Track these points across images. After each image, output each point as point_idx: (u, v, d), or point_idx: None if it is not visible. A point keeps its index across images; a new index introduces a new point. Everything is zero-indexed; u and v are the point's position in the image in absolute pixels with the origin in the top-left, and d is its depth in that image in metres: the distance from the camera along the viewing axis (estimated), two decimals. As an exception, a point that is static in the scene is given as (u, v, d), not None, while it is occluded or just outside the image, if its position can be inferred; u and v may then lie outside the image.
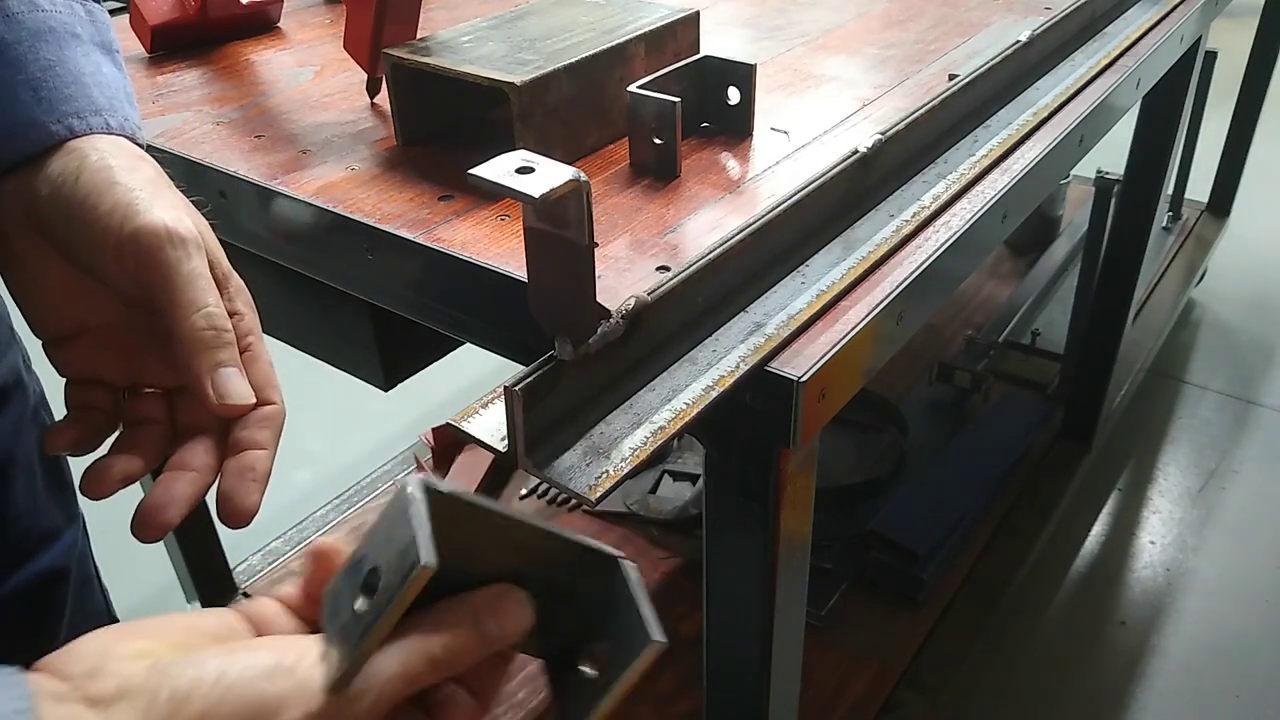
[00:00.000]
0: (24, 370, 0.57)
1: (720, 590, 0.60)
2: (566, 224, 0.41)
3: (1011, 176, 0.66)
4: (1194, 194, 2.04)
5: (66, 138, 0.44)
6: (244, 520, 0.42)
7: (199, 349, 0.42)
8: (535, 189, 0.38)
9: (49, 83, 0.45)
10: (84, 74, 0.46)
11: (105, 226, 0.42)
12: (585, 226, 0.41)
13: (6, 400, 0.54)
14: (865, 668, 1.14)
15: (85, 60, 0.47)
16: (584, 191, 0.40)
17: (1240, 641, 1.40)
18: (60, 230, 0.44)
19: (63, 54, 0.46)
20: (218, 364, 0.42)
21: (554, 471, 0.43)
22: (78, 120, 0.45)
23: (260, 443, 0.44)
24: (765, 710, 0.62)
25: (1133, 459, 1.74)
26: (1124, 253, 1.32)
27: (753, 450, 0.52)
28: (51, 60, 0.45)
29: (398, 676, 0.33)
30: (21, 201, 0.44)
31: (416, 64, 0.63)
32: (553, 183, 0.38)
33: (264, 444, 0.44)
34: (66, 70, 0.46)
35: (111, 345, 0.46)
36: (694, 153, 0.67)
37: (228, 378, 0.43)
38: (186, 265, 0.42)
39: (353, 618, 0.34)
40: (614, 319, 0.44)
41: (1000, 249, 1.92)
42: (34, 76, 0.45)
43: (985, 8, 0.97)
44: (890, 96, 0.77)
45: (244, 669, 0.33)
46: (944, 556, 1.25)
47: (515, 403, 0.41)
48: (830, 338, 0.51)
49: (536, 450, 0.43)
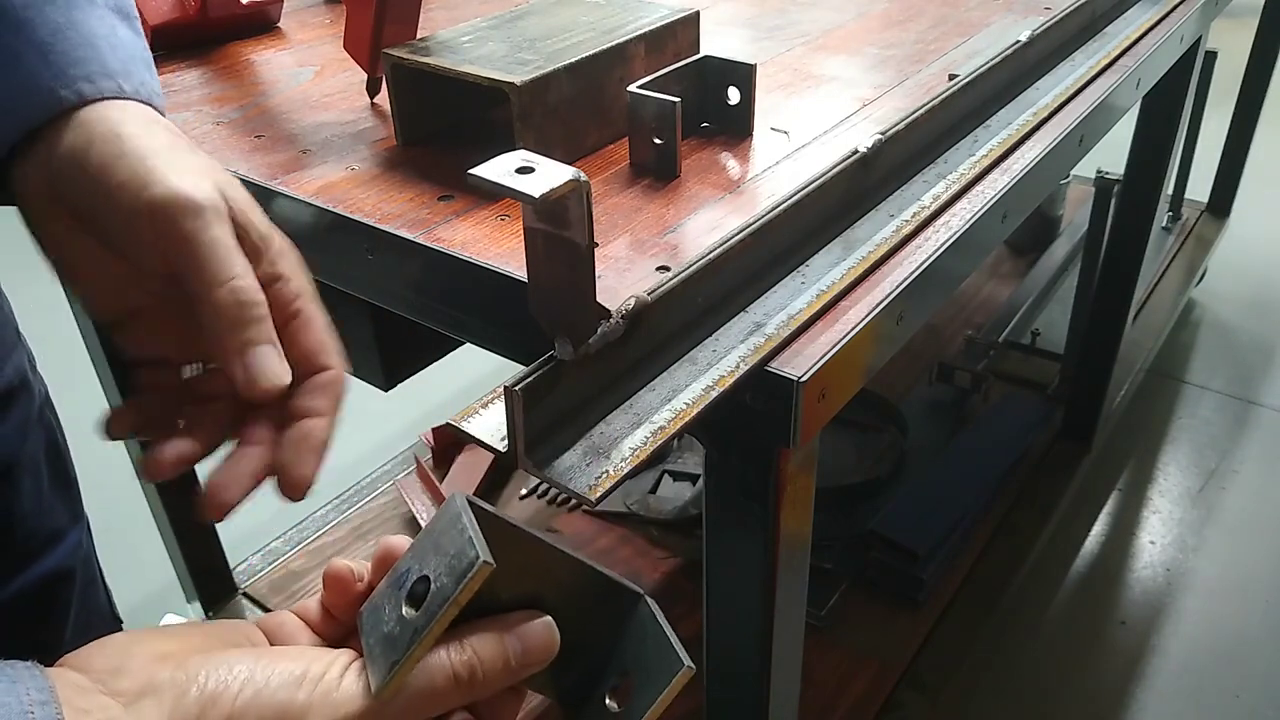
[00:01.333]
0: (29, 371, 0.57)
1: (720, 590, 0.60)
2: (566, 224, 0.41)
3: (1011, 176, 0.66)
4: (1194, 194, 2.04)
5: (76, 104, 0.41)
6: (300, 493, 0.40)
7: (225, 328, 0.39)
8: (535, 189, 0.38)
9: (58, 46, 0.41)
10: (97, 36, 0.42)
11: (120, 201, 0.39)
12: (585, 226, 0.41)
13: (12, 402, 0.54)
14: (865, 668, 1.14)
15: (98, 23, 0.43)
16: (584, 191, 0.40)
17: (1240, 641, 1.40)
18: (84, 208, 0.40)
19: (72, 16, 0.42)
20: (246, 343, 0.39)
21: (554, 471, 0.43)
22: (88, 84, 0.41)
23: (317, 410, 0.41)
24: (765, 710, 0.62)
25: (1133, 459, 1.74)
26: (1124, 253, 1.32)
27: (753, 450, 0.52)
28: (60, 23, 0.42)
29: (423, 692, 0.33)
30: (43, 180, 0.41)
31: (416, 64, 0.63)
32: (553, 183, 0.38)
33: (321, 411, 0.41)
34: (77, 33, 0.42)
35: (165, 323, 0.43)
36: (694, 153, 0.67)
37: (259, 357, 0.39)
38: (205, 235, 0.38)
39: (400, 625, 0.34)
40: (614, 319, 0.44)
41: (1000, 249, 1.92)
42: (42, 40, 0.41)
43: (985, 8, 0.97)
44: (890, 96, 0.77)
45: (272, 674, 0.32)
46: (944, 556, 1.25)
47: (515, 403, 0.41)
48: (830, 338, 0.50)
49: (536, 450, 0.43)
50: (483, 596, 0.34)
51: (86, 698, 0.31)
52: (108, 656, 0.33)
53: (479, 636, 0.35)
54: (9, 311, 0.56)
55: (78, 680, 0.31)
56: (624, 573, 0.40)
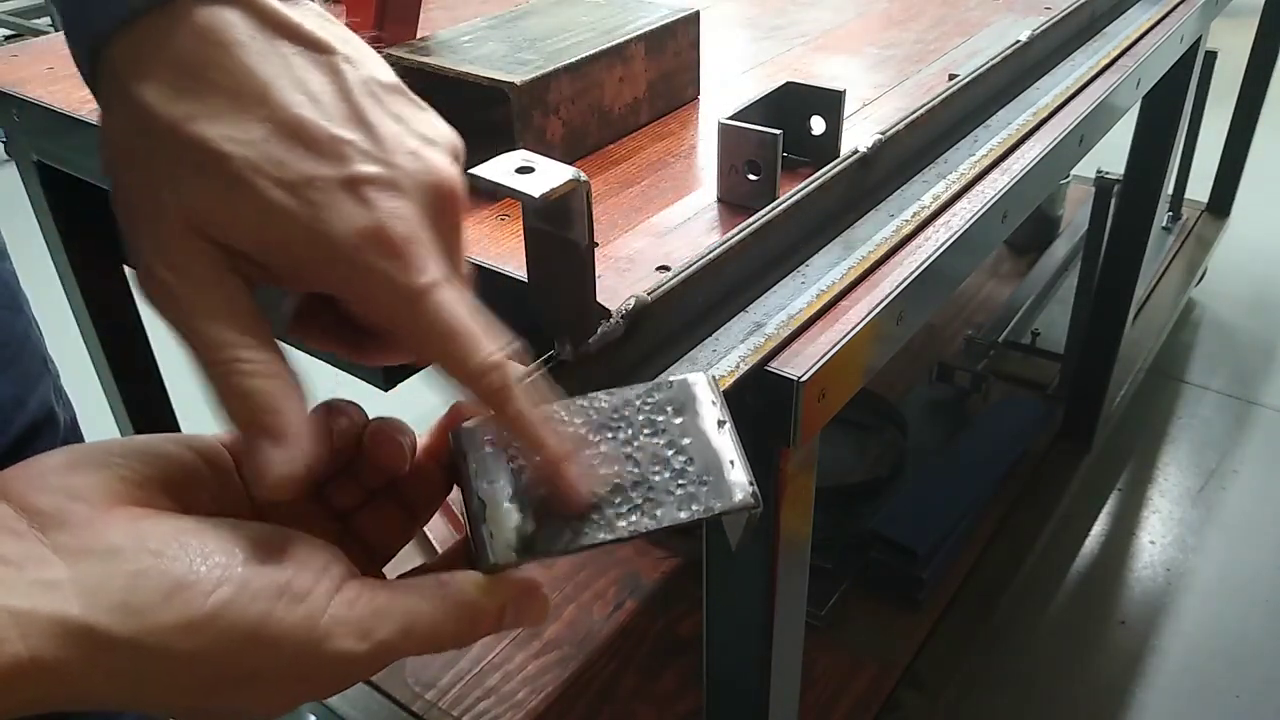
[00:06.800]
0: (55, 403, 0.54)
1: (720, 590, 0.60)
2: (567, 224, 0.41)
3: (1011, 176, 0.65)
4: (1194, 194, 2.04)
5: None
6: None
7: (530, 437, 0.32)
8: (535, 189, 0.38)
9: None
10: None
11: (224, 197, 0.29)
12: (585, 226, 0.41)
13: (36, 435, 0.51)
14: (865, 668, 1.14)
15: None
16: (584, 191, 0.40)
17: (1240, 641, 1.40)
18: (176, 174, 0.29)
19: None
20: (560, 456, 0.32)
21: (554, 471, 0.43)
22: None
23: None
24: (765, 710, 0.62)
25: (1133, 459, 1.74)
26: (1124, 253, 1.32)
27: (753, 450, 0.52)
28: None
29: (397, 633, 0.29)
30: (134, 128, 0.30)
31: (416, 64, 0.63)
32: (553, 183, 0.38)
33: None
34: None
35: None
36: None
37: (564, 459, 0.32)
38: (421, 304, 0.30)
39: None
40: (614, 319, 0.44)
41: (1000, 249, 1.92)
42: None
43: (985, 8, 0.97)
44: (890, 96, 0.77)
45: (253, 575, 0.27)
46: (944, 556, 1.25)
47: (515, 403, 0.41)
48: (830, 338, 0.50)
49: (536, 450, 0.43)
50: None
51: (14, 542, 0.25)
52: (44, 485, 0.27)
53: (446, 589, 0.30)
54: (38, 338, 0.53)
55: (2, 513, 0.26)
56: (624, 572, 0.40)
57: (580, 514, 0.31)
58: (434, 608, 0.30)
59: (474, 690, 1.09)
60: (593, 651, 1.14)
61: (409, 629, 0.29)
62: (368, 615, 0.28)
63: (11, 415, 0.49)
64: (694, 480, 0.33)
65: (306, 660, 0.27)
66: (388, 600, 0.29)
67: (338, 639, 0.28)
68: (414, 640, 0.29)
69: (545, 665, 1.12)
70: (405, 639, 0.29)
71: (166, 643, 0.25)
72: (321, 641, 0.27)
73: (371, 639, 0.28)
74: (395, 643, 0.29)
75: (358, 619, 0.28)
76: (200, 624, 0.26)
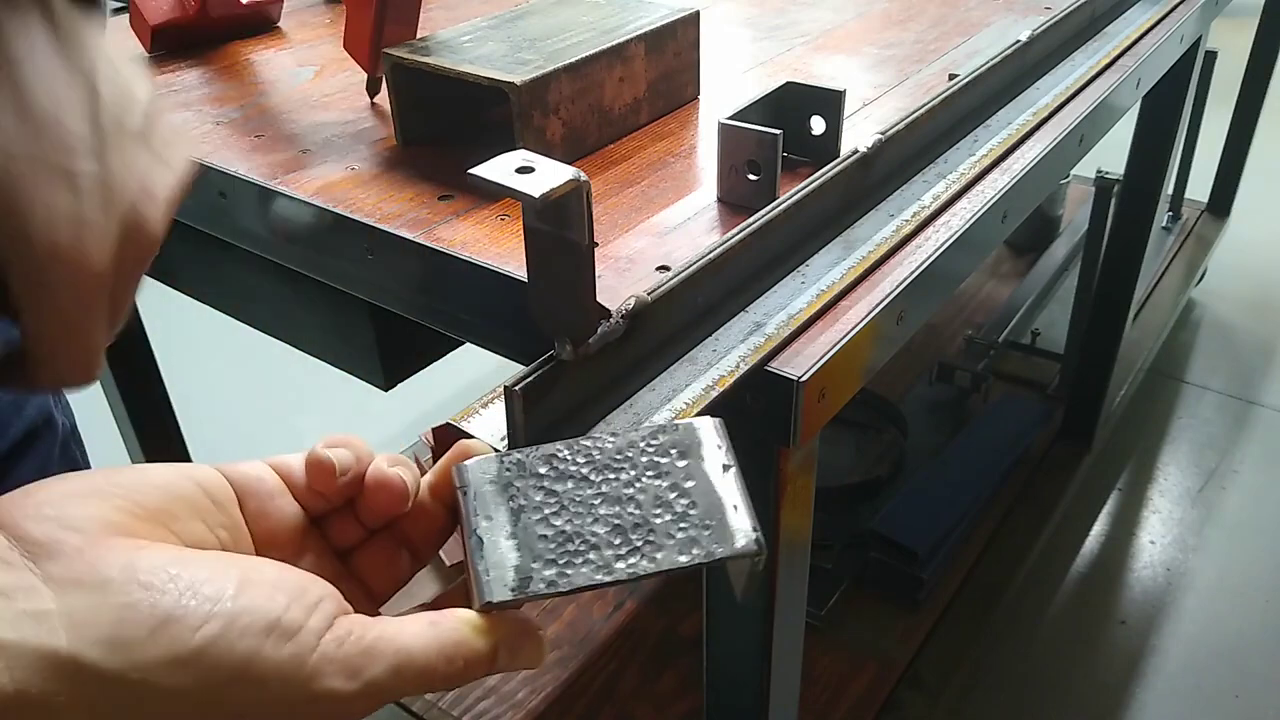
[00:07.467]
0: (54, 408, 0.54)
1: (720, 590, 0.60)
2: (566, 224, 0.41)
3: (1011, 176, 0.65)
4: (1194, 194, 2.04)
5: None
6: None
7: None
8: (535, 189, 0.38)
9: None
10: None
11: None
12: (585, 226, 0.41)
13: (34, 441, 0.51)
14: (865, 668, 1.14)
15: None
16: (584, 191, 0.40)
17: (1240, 641, 1.40)
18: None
19: None
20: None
21: (554, 471, 0.43)
22: None
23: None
24: (765, 710, 0.62)
25: (1133, 459, 1.74)
26: (1124, 253, 1.32)
27: (753, 450, 0.52)
28: None
29: (387, 673, 0.28)
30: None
31: (416, 64, 0.63)
32: (553, 182, 0.38)
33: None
34: None
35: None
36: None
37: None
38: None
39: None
40: (614, 319, 0.44)
41: (1000, 249, 1.92)
42: None
43: (985, 8, 0.97)
44: (890, 96, 0.77)
45: (243, 610, 0.26)
46: (944, 556, 1.25)
47: (515, 403, 0.41)
48: (830, 338, 0.50)
49: (536, 450, 0.43)
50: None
51: (4, 572, 0.25)
52: (39, 514, 0.27)
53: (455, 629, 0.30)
54: None
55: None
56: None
57: (580, 553, 0.31)
58: (425, 646, 0.29)
59: (474, 690, 1.09)
60: (593, 651, 1.14)
61: (399, 669, 0.29)
62: (357, 654, 0.28)
63: (9, 420, 0.49)
64: (696, 524, 0.32)
65: (294, 699, 0.27)
66: (378, 639, 0.29)
67: (326, 678, 0.27)
68: (405, 680, 0.29)
69: (545, 665, 1.12)
70: (395, 679, 0.29)
71: (152, 678, 0.25)
72: (309, 680, 0.27)
73: (360, 678, 0.28)
74: (385, 682, 0.28)
75: (346, 657, 0.28)
76: (186, 659, 0.25)
